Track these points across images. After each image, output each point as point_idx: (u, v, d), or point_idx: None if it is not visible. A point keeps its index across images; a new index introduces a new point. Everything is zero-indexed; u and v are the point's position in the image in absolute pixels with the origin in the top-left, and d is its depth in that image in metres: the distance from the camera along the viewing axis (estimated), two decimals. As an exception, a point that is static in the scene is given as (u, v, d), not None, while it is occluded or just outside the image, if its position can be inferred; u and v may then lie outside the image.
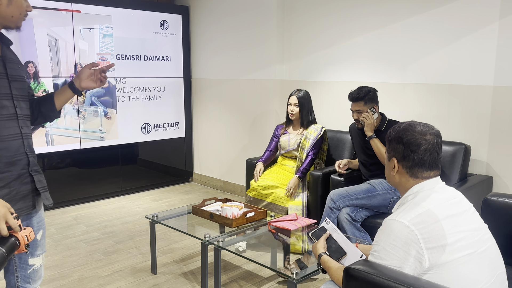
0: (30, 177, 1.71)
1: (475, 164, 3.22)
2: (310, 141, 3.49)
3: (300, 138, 3.56)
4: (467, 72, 3.22)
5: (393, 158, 1.56)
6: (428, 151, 1.51)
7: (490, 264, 1.45)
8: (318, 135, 3.49)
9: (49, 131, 4.32)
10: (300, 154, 3.51)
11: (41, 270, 1.85)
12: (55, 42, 4.29)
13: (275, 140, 3.75)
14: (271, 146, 3.76)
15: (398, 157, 1.55)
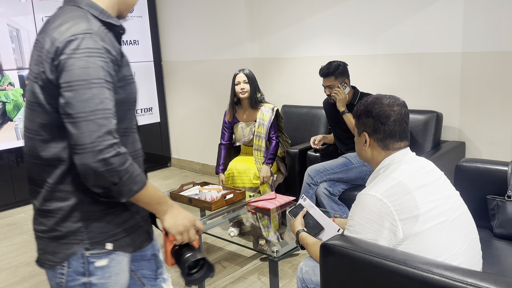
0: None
1: (448, 131, 3.26)
2: (265, 127, 3.34)
3: (253, 125, 3.40)
4: (436, 40, 3.23)
5: (364, 133, 1.56)
6: (397, 122, 1.53)
7: (463, 230, 1.48)
8: (272, 117, 3.34)
9: (18, 125, 4.20)
10: (257, 143, 3.38)
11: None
12: (17, 32, 4.13)
13: (228, 131, 3.54)
14: (225, 138, 3.55)
15: (369, 130, 1.55)
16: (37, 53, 1.18)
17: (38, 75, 1.16)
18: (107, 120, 1.10)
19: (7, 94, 4.11)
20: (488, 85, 3.05)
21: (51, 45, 1.13)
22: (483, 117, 3.10)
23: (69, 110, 1.09)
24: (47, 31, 1.17)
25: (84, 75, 1.09)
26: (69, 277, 1.24)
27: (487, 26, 2.98)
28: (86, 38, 1.11)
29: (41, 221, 1.24)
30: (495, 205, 2.12)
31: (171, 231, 1.28)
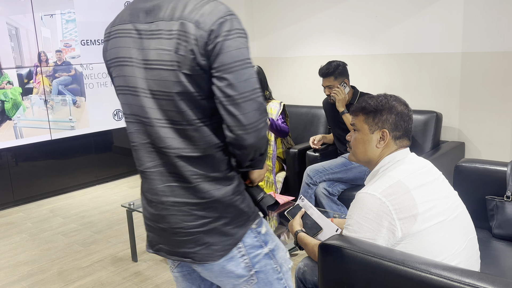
0: None
1: (447, 131, 3.26)
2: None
3: None
4: (435, 40, 3.22)
5: (384, 130, 1.53)
6: (411, 120, 1.57)
7: (461, 230, 1.47)
8: (279, 111, 3.30)
9: (17, 124, 4.19)
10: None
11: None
12: (16, 30, 4.12)
13: None
14: None
15: (390, 127, 1.54)
16: (169, 41, 1.10)
17: (181, 63, 1.09)
18: (262, 98, 1.15)
19: (5, 93, 4.10)
20: (488, 86, 3.04)
21: (197, 30, 1.07)
22: (483, 118, 3.10)
23: (230, 92, 1.08)
24: (172, 17, 1.10)
25: (240, 56, 1.09)
26: (250, 254, 1.27)
27: (487, 26, 2.98)
28: (233, 19, 1.11)
29: (201, 215, 1.18)
30: (494, 206, 2.11)
31: (256, 180, 1.34)
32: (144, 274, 2.82)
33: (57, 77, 4.42)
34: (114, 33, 1.21)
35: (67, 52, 4.46)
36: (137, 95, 1.17)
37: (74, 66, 4.52)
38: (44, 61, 4.32)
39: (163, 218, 1.22)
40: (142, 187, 1.30)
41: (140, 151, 1.22)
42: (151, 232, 1.30)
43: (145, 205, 1.29)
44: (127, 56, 1.17)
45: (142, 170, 1.25)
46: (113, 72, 1.25)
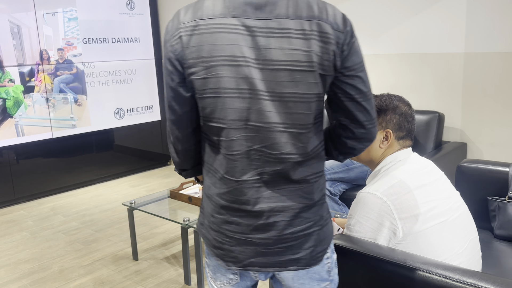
0: None
1: (449, 131, 3.25)
2: None
3: None
4: (438, 40, 3.22)
5: (388, 130, 1.53)
6: (414, 121, 1.57)
7: (463, 230, 1.47)
8: None
9: (18, 122, 4.19)
10: None
11: None
12: (18, 28, 4.12)
13: None
14: None
15: (394, 128, 1.54)
16: (305, 42, 1.06)
17: (319, 64, 1.07)
18: None
19: (7, 91, 4.10)
20: (491, 86, 3.04)
21: (334, 31, 1.08)
22: (485, 118, 3.09)
23: (364, 88, 1.14)
24: (300, 15, 1.06)
25: (362, 55, 1.17)
26: (332, 257, 1.24)
27: (490, 27, 2.97)
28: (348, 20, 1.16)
29: (307, 217, 1.16)
30: (495, 206, 2.11)
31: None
32: (145, 273, 2.82)
33: (59, 75, 4.42)
34: (207, 28, 1.06)
35: (69, 50, 4.46)
36: (254, 98, 1.06)
37: (75, 65, 4.52)
38: (46, 59, 4.32)
39: (269, 226, 1.14)
40: (232, 198, 1.14)
41: (243, 161, 1.10)
42: (238, 247, 1.16)
43: (234, 219, 1.15)
44: (237, 55, 1.04)
45: (242, 180, 1.12)
46: (203, 72, 1.07)
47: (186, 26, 1.07)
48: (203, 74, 1.06)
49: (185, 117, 1.15)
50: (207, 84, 1.07)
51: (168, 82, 1.12)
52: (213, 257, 1.21)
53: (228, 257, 1.18)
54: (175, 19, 1.10)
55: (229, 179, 1.12)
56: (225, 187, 1.13)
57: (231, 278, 1.24)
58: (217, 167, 1.14)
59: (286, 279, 1.21)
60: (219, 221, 1.16)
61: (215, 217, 1.17)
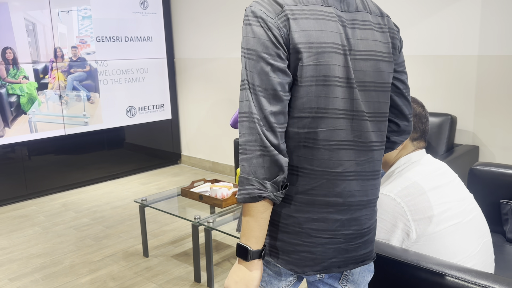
0: None
1: (462, 134, 3.23)
2: None
3: None
4: (451, 42, 3.20)
5: None
6: (428, 122, 1.59)
7: (476, 233, 1.47)
8: None
9: (31, 118, 4.24)
10: None
11: None
12: (33, 26, 4.17)
13: None
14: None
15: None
16: (383, 35, 1.13)
17: (390, 55, 1.13)
18: None
19: (21, 87, 4.15)
20: (504, 89, 3.02)
21: (394, 27, 1.18)
22: (498, 121, 3.07)
23: (408, 84, 1.22)
24: (370, 10, 1.12)
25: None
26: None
27: (505, 29, 2.95)
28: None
29: (376, 210, 1.18)
30: (508, 210, 2.10)
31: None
32: (155, 270, 2.85)
33: (72, 72, 4.46)
34: (312, 13, 1.03)
35: (83, 48, 4.51)
36: (349, 87, 1.05)
37: (89, 62, 4.56)
38: (60, 56, 4.37)
39: (355, 221, 1.11)
40: (321, 192, 1.08)
41: (340, 151, 1.06)
42: (320, 247, 1.10)
43: (321, 215, 1.09)
44: (339, 43, 1.04)
45: (337, 172, 1.07)
46: (312, 58, 1.01)
47: (292, 9, 1.01)
48: (313, 61, 1.01)
49: (286, 106, 1.04)
50: (315, 71, 1.02)
51: (276, 65, 1.00)
52: (282, 266, 1.11)
53: (304, 261, 1.10)
54: (269, 2, 1.03)
55: (320, 172, 1.06)
56: (313, 182, 1.06)
57: (291, 280, 1.17)
58: (299, 163, 1.06)
59: (354, 273, 1.18)
60: (302, 221, 1.08)
61: (295, 217, 1.08)
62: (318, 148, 1.05)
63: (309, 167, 1.06)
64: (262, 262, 1.08)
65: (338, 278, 1.17)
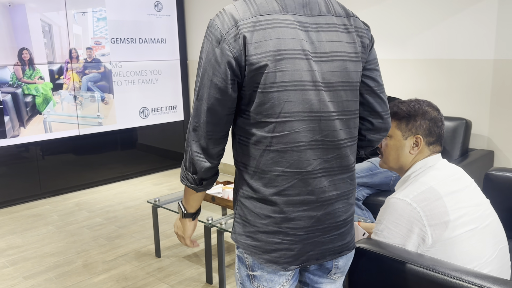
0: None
1: (476, 139, 3.20)
2: None
3: None
4: (467, 46, 3.18)
5: (418, 136, 1.53)
6: (444, 126, 1.57)
7: (492, 239, 1.45)
8: None
9: (46, 118, 4.29)
10: None
11: None
12: (49, 27, 4.23)
13: None
14: None
15: (424, 133, 1.53)
16: (349, 35, 1.16)
17: (357, 54, 1.17)
18: None
19: (37, 88, 4.21)
20: (520, 94, 2.99)
21: (364, 26, 1.22)
22: (513, 126, 3.04)
23: (381, 81, 1.26)
24: (335, 12, 1.16)
25: None
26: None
27: (521, 33, 2.92)
28: None
29: (351, 202, 1.24)
30: (524, 216, 2.07)
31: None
32: (167, 270, 2.86)
33: (87, 73, 4.51)
34: (263, 24, 1.07)
35: (97, 49, 4.55)
36: (315, 89, 1.10)
37: (103, 64, 4.61)
38: (75, 57, 4.42)
39: (329, 215, 1.17)
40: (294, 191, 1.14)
41: (307, 151, 1.12)
42: (298, 244, 1.16)
43: (296, 214, 1.15)
44: (299, 48, 1.08)
45: (307, 171, 1.13)
46: (268, 65, 1.07)
47: (247, 23, 1.07)
48: (271, 68, 1.07)
49: (225, 119, 1.14)
50: (274, 78, 1.07)
51: (217, 83, 1.09)
52: (266, 264, 1.17)
53: (284, 259, 1.17)
54: (226, 17, 1.09)
55: (291, 172, 1.12)
56: (287, 182, 1.13)
57: (290, 273, 1.22)
58: (270, 166, 1.12)
59: (340, 266, 1.28)
60: (279, 220, 1.14)
61: (273, 217, 1.14)
62: (286, 151, 1.11)
63: (280, 169, 1.12)
64: (194, 222, 1.33)
65: (327, 271, 1.28)
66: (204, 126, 1.14)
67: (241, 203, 1.19)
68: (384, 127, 1.29)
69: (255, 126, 1.12)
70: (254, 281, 1.22)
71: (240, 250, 1.24)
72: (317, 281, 1.30)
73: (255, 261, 1.19)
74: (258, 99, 1.09)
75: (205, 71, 1.11)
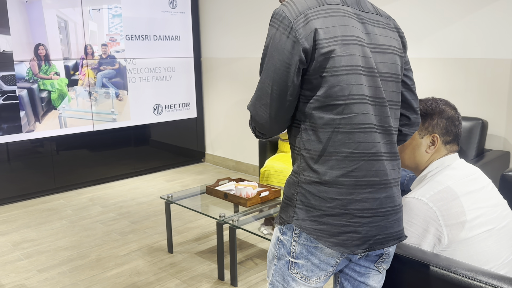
0: None
1: (492, 139, 3.16)
2: None
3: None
4: (484, 45, 3.13)
5: (434, 134, 1.52)
6: (461, 125, 1.56)
7: (509, 240, 1.43)
8: None
9: (61, 114, 4.34)
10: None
11: None
12: (65, 23, 4.27)
13: None
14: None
15: (441, 132, 1.51)
16: (393, 33, 1.28)
17: (401, 51, 1.29)
18: None
19: (52, 83, 4.25)
20: (538, 94, 2.94)
21: (398, 26, 1.33)
22: (531, 127, 2.99)
23: (414, 79, 1.37)
24: (378, 12, 1.28)
25: None
26: None
27: (540, 32, 2.87)
28: None
29: (401, 189, 1.35)
30: (542, 218, 2.04)
31: None
32: (180, 266, 2.87)
33: (102, 70, 4.55)
34: (330, 11, 1.15)
35: (112, 46, 4.58)
36: (374, 75, 1.18)
37: (118, 60, 4.64)
38: (90, 54, 4.45)
39: (390, 199, 1.20)
40: (361, 173, 1.16)
41: (372, 134, 1.17)
42: (365, 226, 1.17)
43: (363, 196, 1.17)
44: (358, 36, 1.16)
45: (372, 152, 1.17)
46: (336, 50, 1.12)
47: (316, 10, 1.14)
48: (340, 52, 1.12)
49: (291, 106, 1.18)
50: (343, 62, 1.13)
51: (282, 69, 1.13)
52: (330, 248, 1.16)
53: (352, 241, 1.17)
54: (294, 5, 1.14)
55: (358, 154, 1.15)
56: (353, 164, 1.15)
57: (330, 270, 1.23)
58: (337, 148, 1.15)
59: (390, 254, 1.29)
60: (346, 203, 1.16)
61: (340, 199, 1.15)
62: (354, 132, 1.15)
63: (348, 150, 1.15)
64: None
65: (374, 261, 1.27)
66: (271, 112, 1.19)
67: (303, 188, 1.18)
68: (418, 122, 1.39)
69: (323, 110, 1.15)
70: (293, 268, 1.22)
71: (288, 236, 1.22)
72: (364, 272, 1.27)
73: (304, 249, 1.20)
74: (327, 83, 1.13)
75: (271, 57, 1.15)
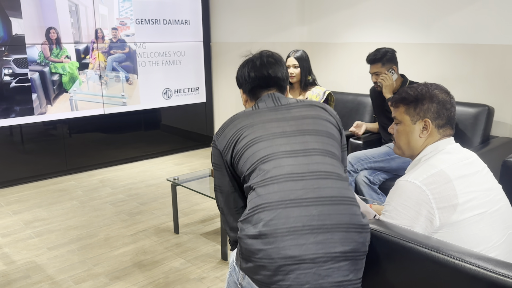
0: None
1: (499, 126, 3.15)
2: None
3: None
4: (493, 31, 3.10)
5: (426, 119, 1.53)
6: (454, 108, 1.54)
7: (502, 224, 1.45)
8: (321, 100, 3.12)
9: (72, 97, 4.41)
10: None
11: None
12: (75, 7, 4.31)
13: None
14: None
15: (432, 116, 1.53)
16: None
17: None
18: None
19: (64, 67, 4.32)
20: (546, 81, 2.91)
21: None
22: (538, 114, 2.97)
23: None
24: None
25: None
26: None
27: (550, 18, 2.83)
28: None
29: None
30: (541, 204, 2.04)
31: None
32: (185, 246, 2.94)
33: (112, 53, 4.60)
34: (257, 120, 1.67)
35: (122, 30, 4.62)
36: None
37: (128, 44, 4.68)
38: (101, 37, 4.50)
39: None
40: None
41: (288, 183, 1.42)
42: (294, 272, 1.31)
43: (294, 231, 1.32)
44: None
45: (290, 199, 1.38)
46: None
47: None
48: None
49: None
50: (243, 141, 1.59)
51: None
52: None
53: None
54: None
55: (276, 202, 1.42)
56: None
57: None
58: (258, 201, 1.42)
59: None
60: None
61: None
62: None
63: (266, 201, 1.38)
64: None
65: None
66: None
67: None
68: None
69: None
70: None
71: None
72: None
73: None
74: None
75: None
